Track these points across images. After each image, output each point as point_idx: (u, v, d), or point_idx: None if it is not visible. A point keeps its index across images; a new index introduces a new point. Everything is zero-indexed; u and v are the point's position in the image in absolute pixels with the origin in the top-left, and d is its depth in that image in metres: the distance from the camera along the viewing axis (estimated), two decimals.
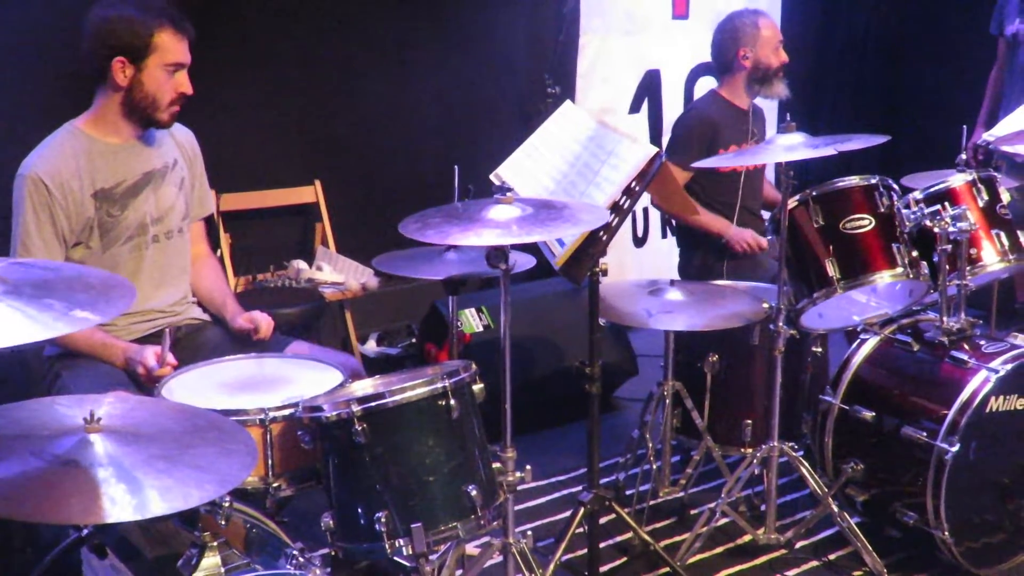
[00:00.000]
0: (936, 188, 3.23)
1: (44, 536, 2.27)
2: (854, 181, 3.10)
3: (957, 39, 5.86)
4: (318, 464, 2.39)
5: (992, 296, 3.89)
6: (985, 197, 3.23)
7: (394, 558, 2.39)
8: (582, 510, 2.98)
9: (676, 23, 5.46)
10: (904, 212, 3.12)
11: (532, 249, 2.99)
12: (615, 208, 2.64)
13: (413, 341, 4.75)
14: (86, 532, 2.12)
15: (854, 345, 3.27)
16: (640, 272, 5.26)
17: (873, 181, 3.10)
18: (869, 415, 3.10)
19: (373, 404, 2.25)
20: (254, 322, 2.92)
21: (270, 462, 2.40)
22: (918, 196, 3.19)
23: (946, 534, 2.92)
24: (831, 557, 3.22)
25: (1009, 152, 3.88)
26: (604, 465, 3.38)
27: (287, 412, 2.39)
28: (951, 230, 3.02)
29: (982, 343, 3.08)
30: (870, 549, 3.09)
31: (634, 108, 5.40)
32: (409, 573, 2.49)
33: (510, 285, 2.47)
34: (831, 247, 3.05)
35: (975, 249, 3.18)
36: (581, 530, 3.02)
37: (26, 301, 1.69)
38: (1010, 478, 3.04)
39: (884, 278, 3.05)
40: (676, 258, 4.20)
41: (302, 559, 1.95)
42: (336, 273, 4.46)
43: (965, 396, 2.91)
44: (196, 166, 3.07)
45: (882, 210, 3.07)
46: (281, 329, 3.04)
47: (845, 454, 3.17)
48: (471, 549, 2.95)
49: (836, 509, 3.11)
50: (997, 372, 2.92)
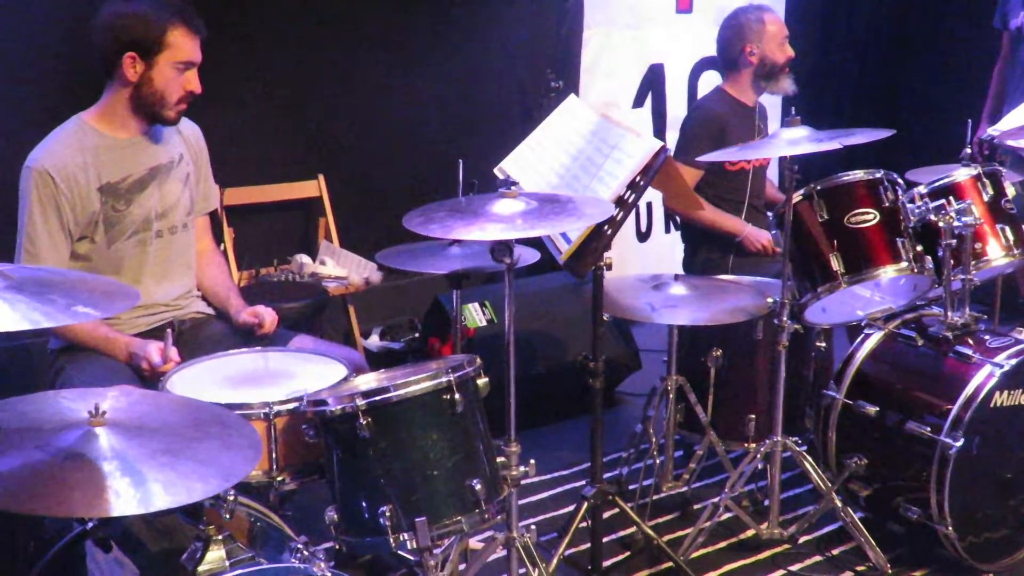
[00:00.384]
0: (940, 183, 3.22)
1: (48, 529, 2.27)
2: (858, 175, 3.09)
3: (961, 33, 5.85)
4: (322, 458, 2.39)
5: (996, 291, 3.88)
6: (990, 192, 3.23)
7: (398, 552, 2.40)
8: (585, 505, 2.98)
9: (680, 17, 5.46)
10: (908, 207, 3.11)
11: (536, 243, 2.98)
12: (619, 202, 2.63)
13: (416, 336, 4.75)
14: (90, 525, 2.12)
15: (858, 340, 3.26)
16: (643, 267, 5.25)
17: (877, 175, 3.09)
18: (873, 410, 3.10)
19: (377, 398, 2.24)
20: (258, 316, 2.92)
21: (274, 456, 2.40)
22: (922, 190, 3.18)
23: (949, 529, 2.92)
24: (834, 552, 3.22)
25: (1013, 146, 3.87)
26: (607, 460, 3.37)
27: (291, 406, 2.39)
28: (955, 225, 3.01)
29: (986, 338, 3.08)
30: (873, 544, 3.09)
31: (637, 103, 5.40)
32: (413, 567, 2.50)
33: (514, 279, 2.47)
34: (835, 241, 3.04)
35: (979, 244, 3.17)
36: (584, 525, 3.02)
37: (29, 296, 1.70)
38: (1013, 473, 3.04)
39: (888, 273, 3.04)
40: (680, 253, 4.19)
41: (306, 552, 1.95)
42: (339, 268, 4.46)
43: (969, 391, 2.91)
44: (201, 161, 3.07)
45: (886, 204, 3.07)
46: (284, 323, 3.04)
47: (848, 449, 3.17)
48: (474, 543, 2.96)
49: (839, 504, 3.11)
50: (1001, 367, 2.91)
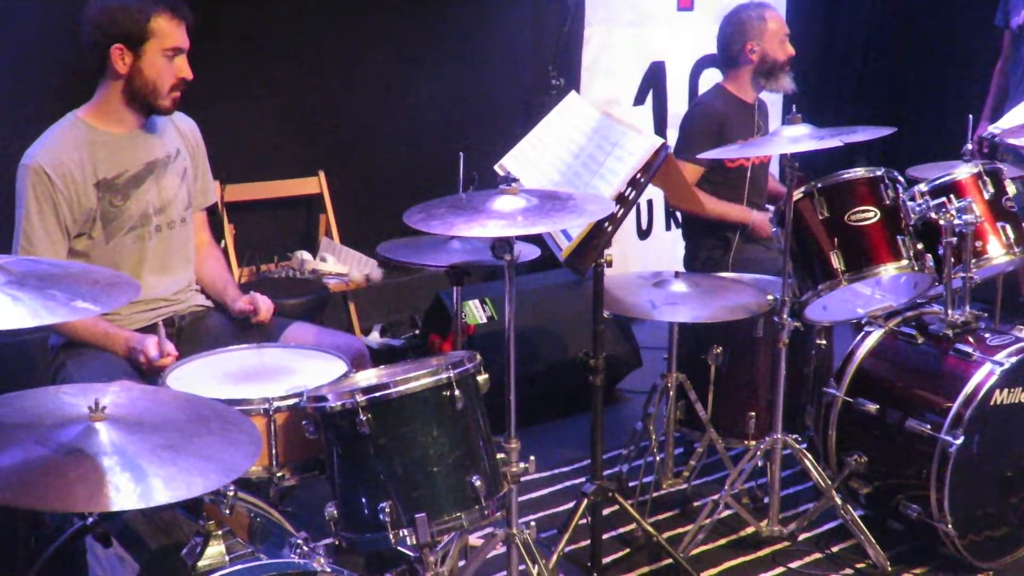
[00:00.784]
0: (941, 180, 3.22)
1: (49, 525, 2.28)
2: (859, 173, 3.09)
3: (962, 31, 5.85)
4: (322, 454, 2.39)
5: (997, 289, 3.88)
6: (991, 190, 3.22)
7: (398, 548, 2.40)
8: (585, 501, 2.99)
9: (681, 15, 5.45)
10: (909, 204, 3.11)
11: (536, 240, 2.98)
12: (620, 199, 2.64)
13: (416, 333, 4.76)
14: (91, 521, 2.12)
15: (858, 338, 3.26)
16: (644, 264, 5.26)
17: (878, 173, 3.09)
18: (873, 408, 3.10)
19: (377, 394, 2.24)
20: (254, 303, 2.92)
21: (274, 452, 2.41)
22: (923, 188, 3.18)
23: (949, 527, 2.92)
24: (834, 549, 3.22)
25: (1014, 144, 3.87)
26: (607, 457, 3.37)
27: (291, 402, 2.39)
28: (956, 223, 3.01)
29: (986, 336, 3.08)
30: (873, 542, 3.09)
31: (639, 100, 5.39)
32: (412, 563, 2.49)
33: (514, 276, 2.47)
34: (836, 239, 3.04)
35: (980, 242, 3.17)
36: (584, 521, 3.03)
37: (29, 291, 1.70)
38: (1013, 471, 3.04)
39: (889, 270, 3.04)
40: (680, 250, 4.19)
41: (306, 548, 1.95)
42: (340, 264, 4.46)
43: (969, 389, 2.91)
44: (199, 156, 3.07)
45: (887, 202, 3.06)
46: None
47: (849, 447, 3.17)
48: (474, 540, 2.96)
49: (839, 502, 3.11)
50: (1001, 365, 2.91)
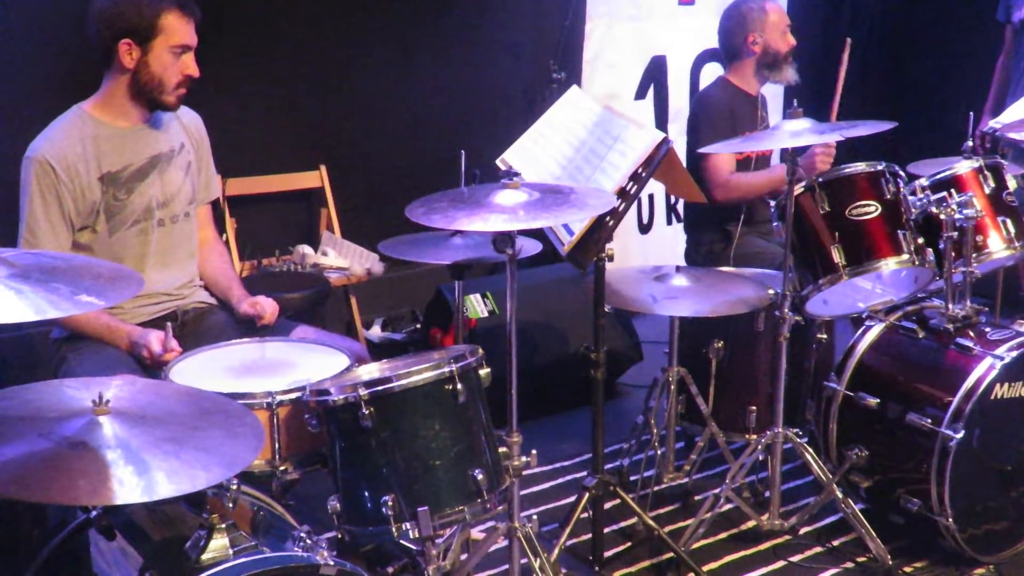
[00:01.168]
0: (942, 175, 3.22)
1: (52, 518, 2.28)
2: (860, 168, 3.09)
3: (964, 25, 5.84)
4: (324, 447, 2.40)
5: (997, 283, 3.88)
6: (991, 184, 3.23)
7: (400, 541, 2.40)
8: (586, 495, 3.00)
9: (682, 9, 5.46)
10: (910, 199, 3.11)
11: (538, 234, 2.99)
12: (622, 194, 2.64)
13: (417, 326, 4.76)
14: (94, 514, 2.13)
15: (859, 332, 3.27)
16: (645, 258, 5.27)
17: (879, 168, 3.09)
18: (873, 402, 3.10)
19: (380, 388, 2.25)
20: (259, 307, 2.92)
21: (276, 445, 2.41)
22: (924, 183, 3.18)
23: (950, 521, 2.92)
24: (835, 543, 3.23)
25: (1015, 139, 3.87)
26: (608, 451, 3.38)
27: (294, 396, 2.40)
28: (957, 217, 3.01)
29: (987, 330, 3.08)
30: (874, 535, 3.10)
31: (640, 94, 5.39)
32: (415, 557, 2.50)
33: (516, 271, 2.47)
34: (837, 234, 3.04)
35: (981, 236, 3.17)
36: (585, 515, 3.03)
37: (33, 284, 1.70)
38: (1014, 465, 3.05)
39: (890, 265, 3.04)
40: (680, 245, 4.19)
41: (310, 541, 1.96)
42: (341, 258, 4.46)
43: (970, 383, 2.91)
44: (203, 150, 3.07)
45: (888, 197, 3.07)
46: (286, 314, 3.04)
47: (849, 440, 3.17)
48: (476, 533, 2.97)
49: (840, 495, 3.12)
50: (1002, 359, 2.92)
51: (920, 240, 3.09)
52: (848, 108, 3.57)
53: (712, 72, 5.47)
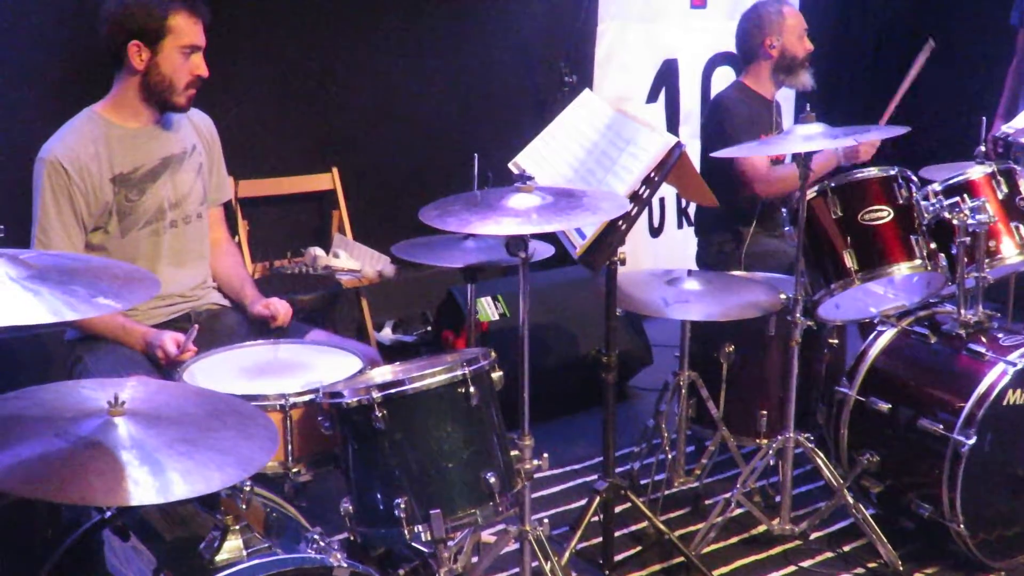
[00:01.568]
0: (955, 180, 3.22)
1: (66, 517, 2.29)
2: (872, 172, 3.09)
3: (977, 31, 5.83)
4: (337, 449, 2.40)
5: (1010, 289, 3.87)
6: (1004, 189, 3.22)
7: (412, 544, 2.41)
8: (597, 499, 3.00)
9: (694, 12, 5.46)
10: (923, 204, 3.11)
11: (550, 237, 2.99)
12: (634, 197, 2.64)
13: (428, 329, 4.77)
14: (108, 514, 2.14)
15: (871, 336, 3.26)
16: (655, 262, 5.27)
17: (892, 173, 3.09)
18: (885, 407, 3.10)
19: (393, 390, 2.25)
20: (272, 309, 2.93)
21: (290, 447, 2.42)
22: (937, 188, 3.18)
23: (961, 527, 2.92)
24: (845, 548, 3.22)
25: None
26: (619, 454, 3.38)
27: (307, 398, 2.40)
28: (970, 222, 3.01)
29: (999, 336, 3.07)
30: (884, 540, 3.09)
31: (651, 97, 5.40)
32: (426, 559, 2.50)
33: (528, 274, 2.47)
34: (849, 238, 3.04)
35: (993, 241, 3.16)
36: (596, 519, 3.03)
37: (51, 286, 1.71)
38: None
39: (902, 270, 3.04)
40: (691, 248, 4.19)
41: (323, 543, 1.96)
42: (352, 260, 4.47)
43: (982, 389, 2.91)
44: (214, 151, 3.08)
45: (900, 202, 3.07)
46: (297, 316, 3.05)
47: (860, 445, 3.17)
48: (487, 536, 2.97)
49: (851, 500, 3.11)
50: (1015, 365, 2.91)
51: (932, 245, 3.08)
52: (860, 112, 3.58)
53: (724, 75, 5.47)
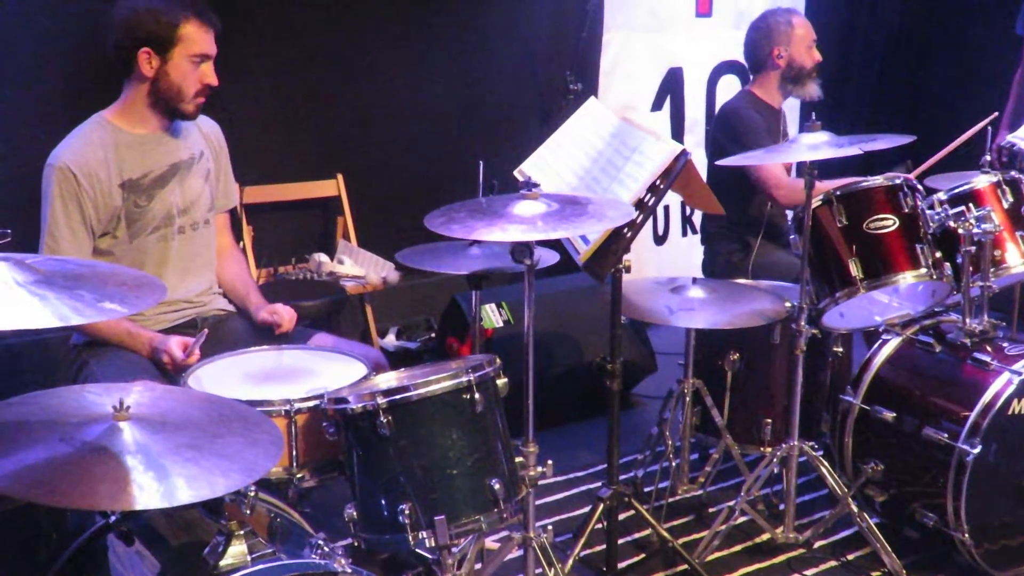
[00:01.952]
0: (960, 189, 3.22)
1: (70, 522, 2.29)
2: (878, 181, 3.09)
3: (981, 39, 5.84)
4: (341, 455, 2.40)
5: (1015, 298, 3.87)
6: (1010, 199, 3.22)
7: (416, 550, 2.41)
8: (601, 506, 3.00)
9: (699, 21, 5.46)
10: (928, 213, 3.11)
11: (555, 244, 2.99)
12: (640, 205, 2.64)
13: (432, 335, 4.77)
14: (113, 519, 2.14)
15: (875, 345, 3.26)
16: (659, 270, 5.27)
17: (897, 181, 3.09)
18: (890, 415, 3.10)
19: (398, 397, 2.26)
20: (277, 315, 2.94)
21: (294, 453, 2.42)
22: (942, 197, 3.18)
23: (965, 536, 2.91)
24: (849, 557, 3.22)
25: None
26: (623, 462, 3.38)
27: (312, 403, 2.41)
28: (975, 231, 3.01)
29: (1004, 345, 3.07)
30: (888, 549, 3.09)
31: (656, 106, 5.40)
32: (430, 565, 2.50)
33: (534, 281, 2.47)
34: (854, 247, 3.04)
35: (999, 251, 3.16)
36: (600, 526, 3.03)
37: (57, 291, 1.71)
38: None
39: (907, 279, 3.04)
40: (696, 256, 4.19)
41: (327, 549, 1.96)
42: (357, 267, 4.48)
43: (987, 398, 2.90)
44: (222, 158, 3.09)
45: (906, 210, 3.07)
46: (302, 322, 3.05)
47: (865, 454, 3.17)
48: (491, 543, 2.97)
49: (855, 509, 3.11)
50: (1019, 374, 2.90)
51: (938, 254, 3.08)
52: (865, 121, 3.58)
53: (728, 84, 5.48)
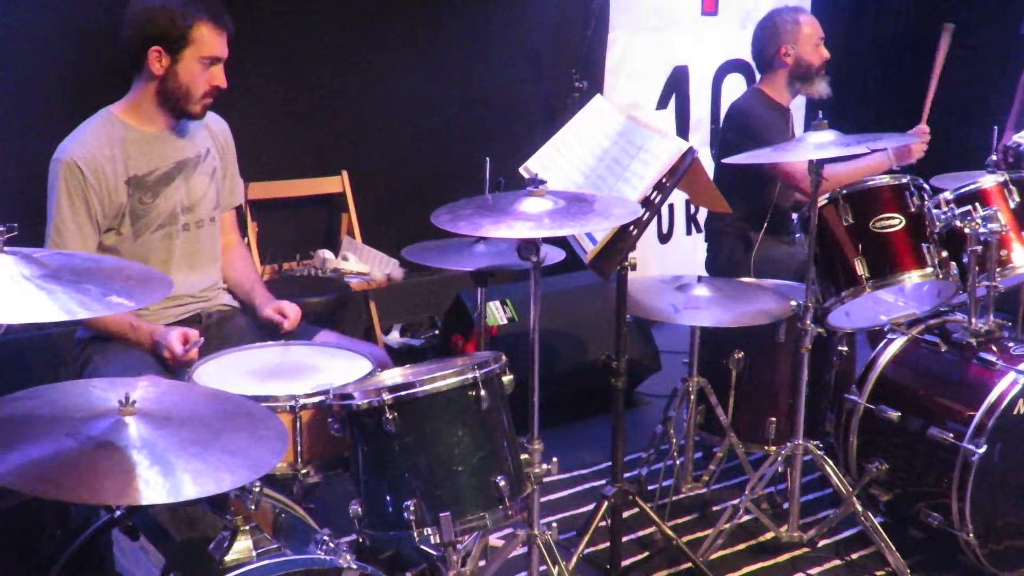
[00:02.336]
0: (967, 189, 3.22)
1: (75, 517, 2.29)
2: (884, 180, 3.09)
3: (988, 39, 5.82)
4: (346, 451, 2.40)
5: (1020, 298, 3.86)
6: (1016, 199, 3.22)
7: (421, 546, 2.41)
8: (605, 504, 3.00)
9: (705, 20, 5.46)
10: (934, 212, 3.11)
11: (561, 242, 2.99)
12: (645, 203, 2.64)
13: (436, 333, 4.77)
14: (118, 514, 2.14)
15: (881, 344, 3.26)
16: (663, 268, 5.26)
17: (904, 181, 3.09)
18: (895, 415, 3.09)
19: (404, 393, 2.25)
20: (282, 312, 2.93)
21: (299, 449, 2.42)
22: (948, 196, 3.18)
23: (970, 536, 2.91)
24: (853, 556, 3.22)
25: None
26: (627, 460, 3.36)
27: (317, 399, 2.40)
28: (981, 231, 3.00)
29: (1010, 345, 3.07)
30: (893, 549, 3.09)
31: (661, 104, 5.40)
32: (435, 562, 2.50)
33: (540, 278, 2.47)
34: (860, 246, 3.04)
35: (1005, 251, 3.17)
36: (604, 524, 3.03)
37: (64, 285, 1.72)
38: None
39: (913, 278, 3.04)
40: (700, 254, 4.18)
41: (332, 545, 1.96)
42: (361, 264, 4.48)
43: (992, 398, 2.90)
44: (228, 156, 3.08)
45: (912, 210, 3.07)
46: (307, 319, 3.05)
47: (869, 453, 3.17)
48: (494, 540, 2.97)
49: (859, 508, 3.10)
50: None
51: (944, 253, 3.08)
52: (871, 120, 3.57)
53: (734, 82, 5.47)
